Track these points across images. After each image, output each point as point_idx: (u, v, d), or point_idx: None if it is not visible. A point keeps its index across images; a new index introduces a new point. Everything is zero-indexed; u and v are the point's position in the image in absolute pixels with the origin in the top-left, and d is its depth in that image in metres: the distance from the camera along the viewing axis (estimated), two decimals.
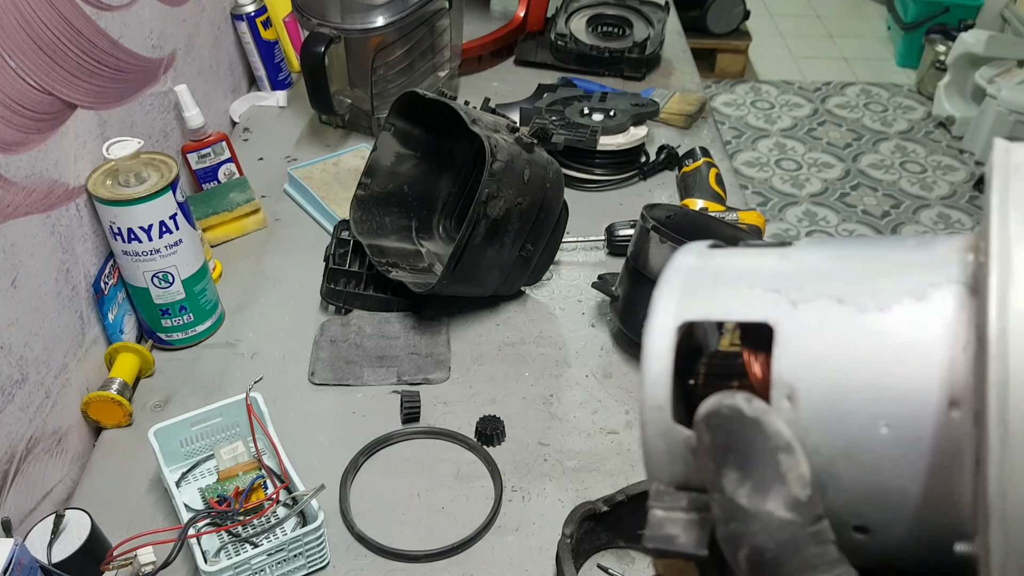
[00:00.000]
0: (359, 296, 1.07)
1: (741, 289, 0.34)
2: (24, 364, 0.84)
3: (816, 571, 0.30)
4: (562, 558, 0.75)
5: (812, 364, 0.32)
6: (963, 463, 0.29)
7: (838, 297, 0.32)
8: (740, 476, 0.32)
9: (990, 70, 2.91)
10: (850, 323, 0.32)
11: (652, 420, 0.35)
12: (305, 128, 1.45)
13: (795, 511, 0.31)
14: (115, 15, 1.02)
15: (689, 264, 0.37)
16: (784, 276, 0.34)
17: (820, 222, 2.72)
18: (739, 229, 1.05)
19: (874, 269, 0.33)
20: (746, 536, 0.31)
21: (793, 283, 0.34)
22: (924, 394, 0.30)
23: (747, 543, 0.31)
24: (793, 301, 0.33)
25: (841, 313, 0.32)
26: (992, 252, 0.28)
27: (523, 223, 1.00)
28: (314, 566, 0.81)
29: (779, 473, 0.31)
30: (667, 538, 0.35)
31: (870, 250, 0.34)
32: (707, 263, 0.37)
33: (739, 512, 0.31)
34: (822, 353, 0.32)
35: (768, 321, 0.33)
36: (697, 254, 0.38)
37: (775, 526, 0.31)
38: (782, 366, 0.32)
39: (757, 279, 0.35)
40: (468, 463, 0.92)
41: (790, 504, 0.31)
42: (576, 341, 1.07)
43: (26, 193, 0.84)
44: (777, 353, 0.32)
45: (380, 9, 1.27)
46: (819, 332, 0.32)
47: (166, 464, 0.84)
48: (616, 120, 1.30)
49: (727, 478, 0.32)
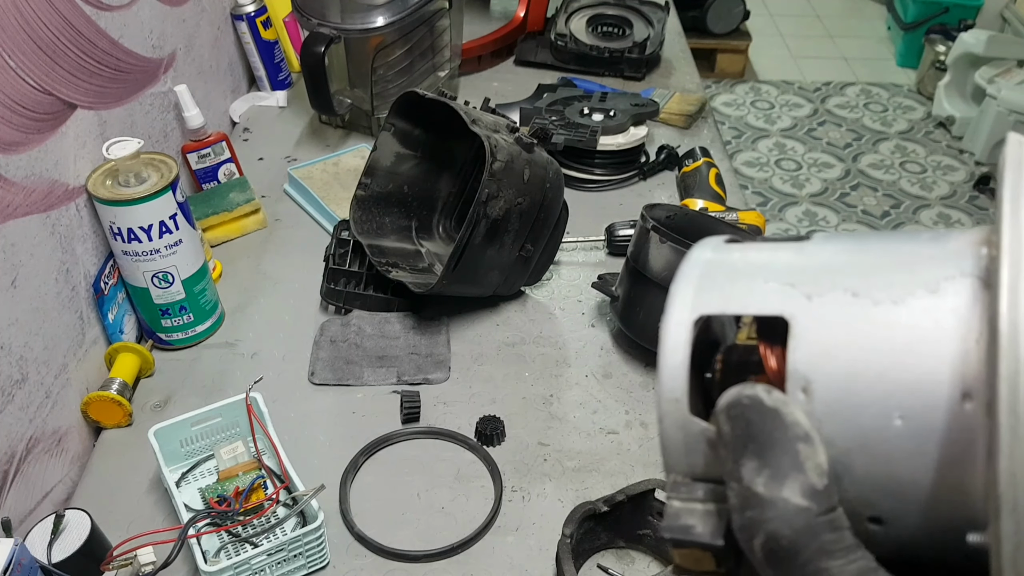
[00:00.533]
0: (359, 296, 1.07)
1: (757, 283, 0.35)
2: (24, 364, 0.84)
3: (832, 557, 0.30)
4: (562, 558, 0.75)
5: (827, 356, 0.32)
6: (975, 454, 0.30)
7: (852, 290, 0.33)
8: (758, 465, 0.32)
9: (990, 70, 2.91)
10: (864, 316, 0.32)
11: (670, 412, 0.35)
12: (305, 128, 1.45)
13: (811, 499, 0.31)
14: (115, 15, 1.02)
15: (706, 258, 0.38)
16: (799, 270, 0.35)
17: (820, 222, 2.72)
18: (739, 229, 1.05)
19: (888, 263, 0.33)
20: (762, 523, 0.31)
21: (808, 277, 0.34)
22: (937, 386, 0.30)
23: (763, 530, 0.31)
24: (808, 295, 0.33)
25: (855, 306, 0.32)
26: (1004, 245, 0.29)
27: (523, 223, 1.00)
28: (314, 566, 0.81)
29: (797, 462, 0.32)
30: (684, 528, 0.35)
31: (885, 244, 0.35)
32: (724, 257, 0.37)
33: (756, 500, 0.32)
34: (836, 346, 0.32)
35: (783, 314, 0.33)
36: (714, 248, 0.38)
37: (792, 513, 0.31)
38: (797, 358, 0.33)
39: (773, 273, 0.35)
40: (468, 463, 0.92)
41: (807, 492, 0.31)
42: (576, 341, 1.07)
43: (26, 193, 0.84)
44: (792, 346, 0.33)
45: (380, 9, 1.27)
46: (833, 325, 0.32)
47: (166, 464, 0.84)
48: (616, 120, 1.30)
49: (745, 467, 0.32)
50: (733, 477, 0.33)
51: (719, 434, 0.34)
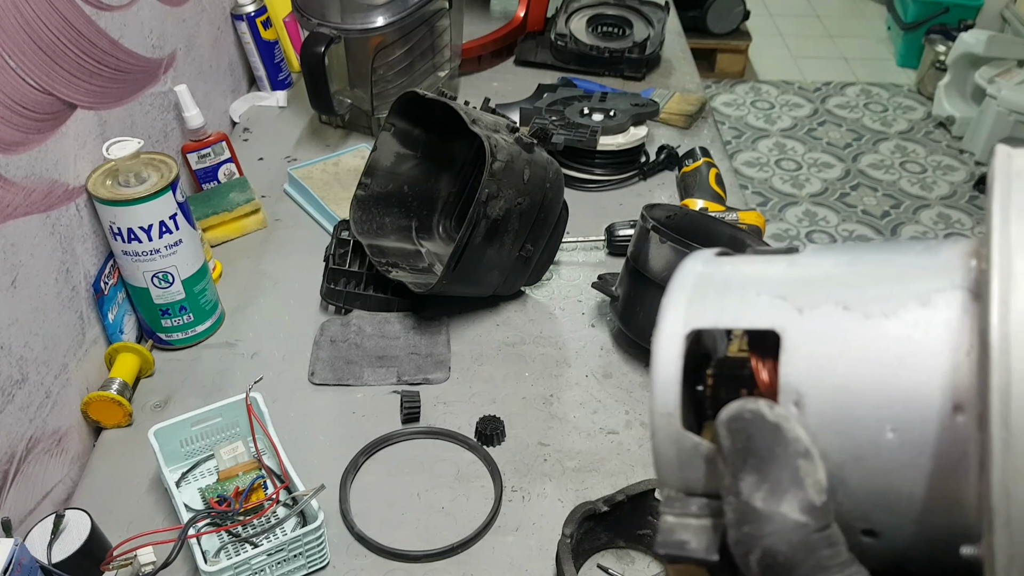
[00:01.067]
0: (359, 296, 1.07)
1: (749, 296, 0.35)
2: (24, 364, 0.84)
3: (828, 572, 0.30)
4: (562, 558, 0.75)
5: (819, 370, 0.32)
6: (968, 467, 0.30)
7: (844, 303, 0.33)
8: (757, 479, 0.32)
9: (990, 70, 2.91)
10: (856, 329, 0.32)
11: (662, 426, 0.35)
12: (305, 128, 1.45)
13: (809, 515, 0.31)
14: (115, 15, 1.02)
15: (697, 271, 0.38)
16: (791, 283, 0.35)
17: (820, 222, 2.72)
18: (739, 229, 1.05)
19: (880, 275, 0.33)
20: (759, 539, 0.31)
21: (800, 290, 0.34)
22: (929, 399, 0.30)
23: (759, 546, 0.31)
24: (800, 308, 0.33)
25: (847, 319, 0.32)
26: (994, 258, 0.29)
27: (523, 223, 1.00)
28: (314, 566, 0.81)
29: (797, 478, 0.32)
30: (678, 543, 0.35)
31: (876, 256, 0.35)
32: (715, 270, 0.37)
33: (754, 514, 0.32)
34: (828, 359, 0.32)
35: (775, 328, 0.33)
36: (704, 261, 0.38)
37: (789, 529, 0.31)
38: (789, 372, 0.33)
39: (764, 286, 0.35)
40: (468, 463, 0.92)
41: (805, 508, 0.31)
42: (576, 341, 1.07)
43: (26, 193, 0.84)
44: (784, 359, 0.33)
45: (380, 9, 1.27)
46: (825, 338, 0.32)
47: (166, 464, 0.84)
48: (616, 120, 1.30)
49: (744, 481, 0.32)
50: (731, 491, 0.33)
51: (718, 448, 0.34)
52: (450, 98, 1.01)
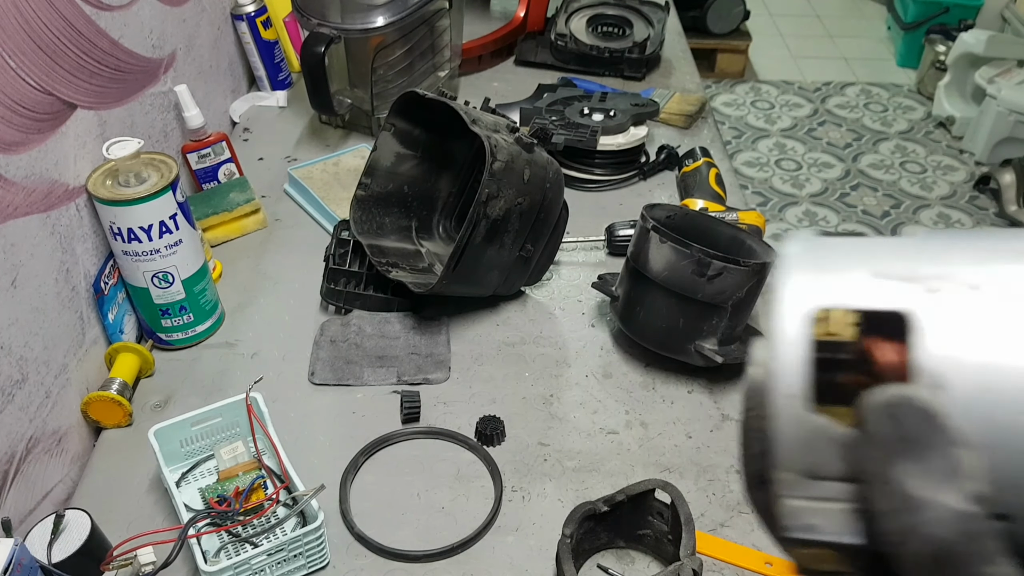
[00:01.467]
0: (359, 296, 1.07)
1: (871, 277, 0.35)
2: (24, 364, 0.84)
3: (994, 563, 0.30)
4: (562, 558, 0.75)
5: (958, 353, 0.32)
6: None
7: (972, 284, 0.33)
8: (914, 468, 0.32)
9: (990, 70, 2.91)
10: (993, 309, 0.32)
11: (786, 408, 0.35)
12: (305, 128, 1.45)
13: (972, 503, 0.31)
14: (115, 15, 1.02)
15: (812, 248, 0.37)
16: (912, 264, 0.35)
17: (820, 222, 2.72)
18: (739, 229, 1.05)
19: (999, 257, 0.33)
20: (920, 527, 0.31)
21: (922, 271, 0.34)
22: None
23: (921, 534, 0.31)
24: (929, 289, 0.33)
25: (981, 299, 0.32)
26: None
27: (523, 223, 1.00)
28: (314, 566, 0.81)
29: (957, 465, 0.31)
30: (808, 527, 0.35)
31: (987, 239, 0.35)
32: (830, 251, 0.37)
33: (912, 502, 0.31)
34: (965, 341, 0.32)
35: (906, 310, 0.33)
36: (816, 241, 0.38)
37: (951, 517, 0.31)
38: (926, 356, 0.32)
39: (884, 267, 0.35)
40: (468, 463, 0.92)
41: (969, 497, 0.31)
42: (576, 341, 1.07)
43: (26, 193, 0.84)
44: (919, 343, 0.33)
45: (380, 9, 1.27)
46: (959, 320, 0.32)
47: (166, 464, 0.84)
48: (616, 120, 1.30)
49: (899, 468, 0.32)
50: (882, 479, 0.32)
51: (866, 433, 0.33)
52: (450, 98, 1.01)
